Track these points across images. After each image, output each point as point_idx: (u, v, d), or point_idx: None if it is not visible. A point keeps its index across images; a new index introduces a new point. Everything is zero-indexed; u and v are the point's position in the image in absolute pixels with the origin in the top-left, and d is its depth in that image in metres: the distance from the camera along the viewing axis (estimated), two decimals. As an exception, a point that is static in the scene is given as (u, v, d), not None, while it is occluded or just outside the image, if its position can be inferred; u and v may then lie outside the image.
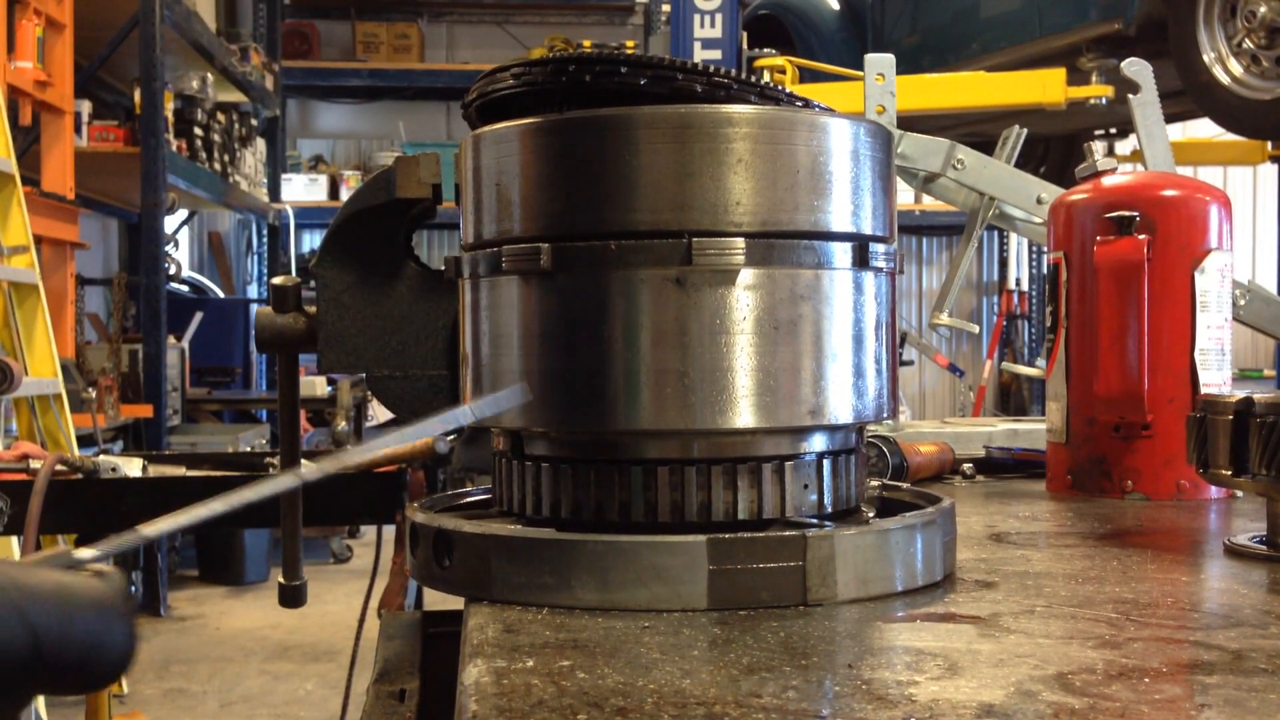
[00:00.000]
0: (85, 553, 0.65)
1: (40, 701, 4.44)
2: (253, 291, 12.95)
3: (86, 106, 7.55)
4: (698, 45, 7.69)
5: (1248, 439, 1.31)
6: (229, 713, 5.64)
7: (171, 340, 8.21)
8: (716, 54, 7.64)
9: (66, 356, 6.18)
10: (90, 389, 6.45)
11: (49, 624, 0.59)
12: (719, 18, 7.72)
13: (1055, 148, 8.17)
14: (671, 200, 1.11)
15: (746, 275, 1.11)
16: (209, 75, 8.97)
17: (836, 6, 8.25)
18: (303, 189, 12.19)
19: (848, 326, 1.17)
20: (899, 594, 1.13)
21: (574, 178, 1.14)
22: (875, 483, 1.41)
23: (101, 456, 2.54)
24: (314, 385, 9.17)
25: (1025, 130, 3.01)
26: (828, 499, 1.19)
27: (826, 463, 1.19)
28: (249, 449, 7.38)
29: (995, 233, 13.20)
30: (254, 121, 10.71)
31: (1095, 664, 0.90)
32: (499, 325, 1.19)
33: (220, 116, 9.39)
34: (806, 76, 6.87)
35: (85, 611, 0.60)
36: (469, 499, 1.42)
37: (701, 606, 1.06)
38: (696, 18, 7.74)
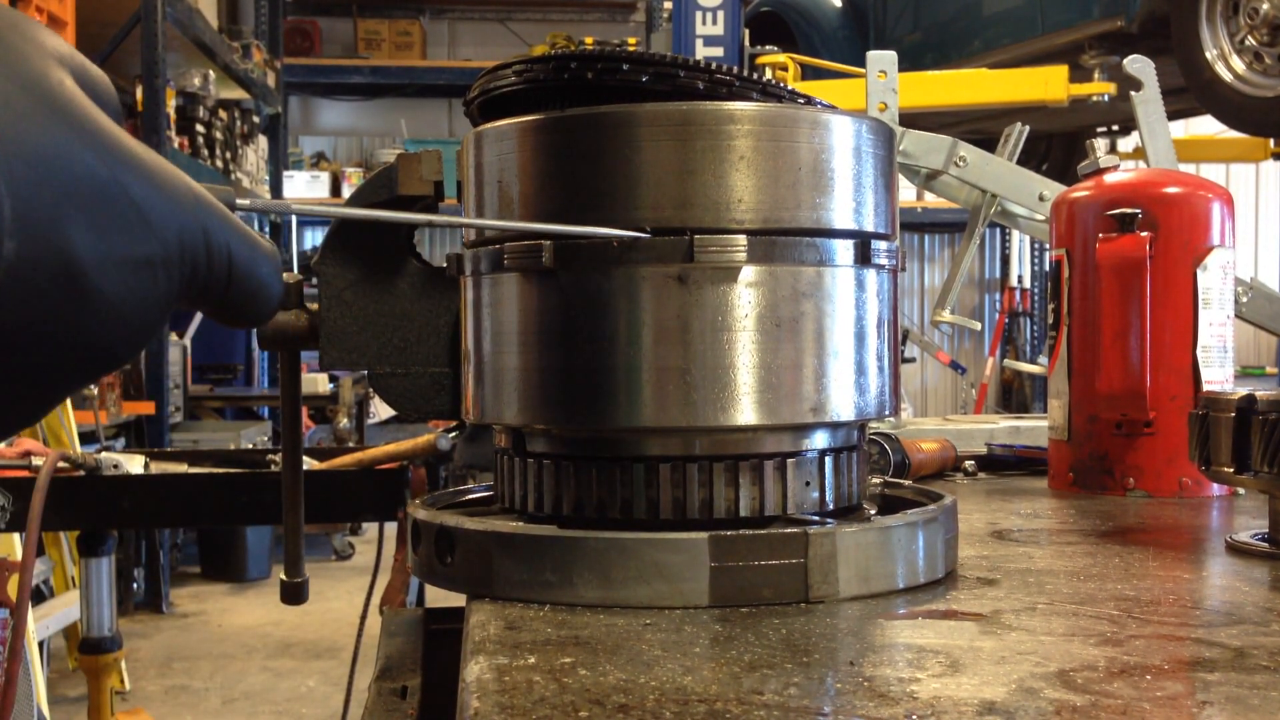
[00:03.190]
0: (243, 201, 0.72)
1: (42, 699, 4.45)
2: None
3: (88, 104, 7.54)
4: (700, 42, 7.69)
5: (1250, 436, 1.31)
6: (231, 710, 5.64)
7: (173, 337, 8.22)
8: (718, 51, 7.64)
9: (68, 353, 6.18)
10: (92, 386, 6.46)
11: (242, 251, 0.64)
12: (721, 15, 7.72)
13: (1057, 145, 8.17)
14: (673, 197, 1.11)
15: (748, 273, 1.11)
16: (211, 72, 8.97)
17: (839, 3, 8.25)
18: (304, 186, 12.19)
19: (850, 324, 1.17)
20: (901, 591, 1.13)
21: (576, 175, 1.14)
22: (877, 480, 1.41)
23: (103, 454, 2.54)
24: (316, 382, 9.18)
25: (1027, 127, 3.01)
26: (829, 496, 1.19)
27: (828, 460, 1.19)
28: (251, 446, 7.38)
29: (997, 230, 13.19)
30: (256, 119, 10.71)
31: (1097, 661, 0.90)
32: (501, 322, 1.19)
33: (222, 114, 9.40)
34: (809, 74, 6.87)
35: (265, 250, 0.66)
36: (471, 496, 1.42)
37: (703, 603, 1.06)
38: (698, 15, 7.74)
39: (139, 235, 0.58)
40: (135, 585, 7.24)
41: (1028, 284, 13.51)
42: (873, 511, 1.28)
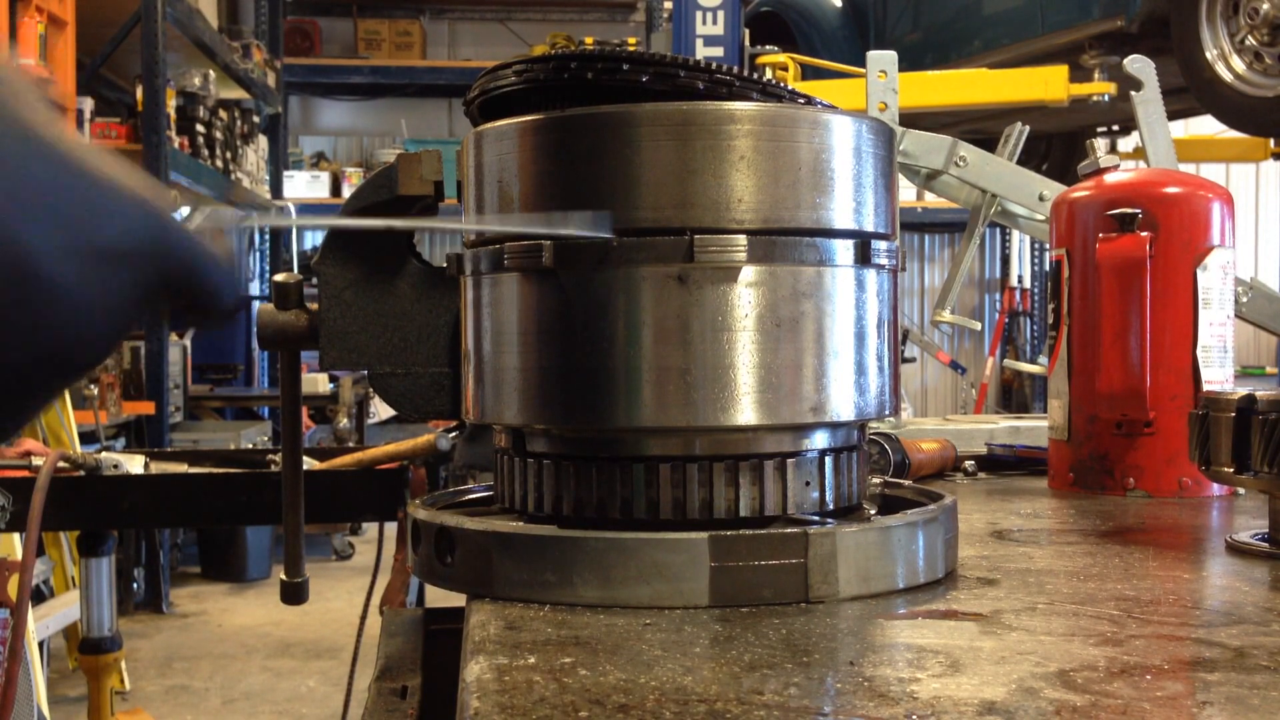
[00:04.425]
0: (228, 211, 0.72)
1: (42, 699, 4.45)
2: (255, 288, 12.96)
3: (89, 104, 7.54)
4: (700, 42, 7.68)
5: (1250, 436, 1.31)
6: (231, 710, 5.64)
7: (173, 337, 8.21)
8: (718, 51, 7.63)
9: (68, 353, 6.17)
10: (92, 386, 6.45)
11: (200, 249, 0.65)
12: (721, 15, 7.72)
13: (1057, 145, 8.17)
14: (673, 197, 1.11)
15: (748, 272, 1.12)
16: (211, 72, 8.96)
17: (839, 3, 8.25)
18: (305, 186, 12.18)
19: (850, 324, 1.17)
20: (901, 591, 1.13)
21: (576, 175, 1.14)
22: (877, 480, 1.41)
23: (103, 454, 2.54)
24: (316, 382, 9.17)
25: (1027, 127, 3.01)
26: (830, 496, 1.19)
27: (828, 460, 1.19)
28: (251, 446, 7.38)
29: (997, 230, 13.19)
30: (256, 118, 10.71)
31: (1097, 661, 0.90)
32: (501, 322, 1.19)
33: (222, 113, 9.39)
34: (809, 73, 6.87)
35: (221, 253, 0.67)
36: (471, 496, 1.42)
37: (703, 603, 1.06)
38: (698, 15, 7.73)
39: (97, 229, 0.58)
40: (135, 585, 7.24)
41: (1028, 284, 13.50)
42: (873, 511, 1.28)
